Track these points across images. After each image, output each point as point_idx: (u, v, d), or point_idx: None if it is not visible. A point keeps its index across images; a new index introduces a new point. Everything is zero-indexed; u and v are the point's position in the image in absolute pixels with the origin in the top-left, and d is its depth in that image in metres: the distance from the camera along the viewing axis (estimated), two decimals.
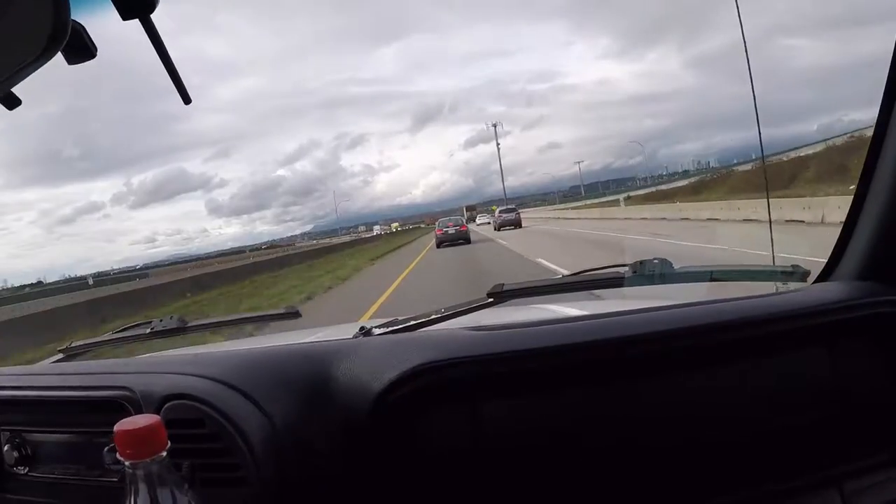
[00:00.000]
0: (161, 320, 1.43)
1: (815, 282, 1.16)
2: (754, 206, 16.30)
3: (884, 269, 1.04)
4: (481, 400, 0.93)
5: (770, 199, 16.97)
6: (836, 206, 12.17)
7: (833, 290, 1.04)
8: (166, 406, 0.92)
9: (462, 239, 26.93)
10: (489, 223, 61.93)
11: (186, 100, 0.82)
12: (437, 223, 32.40)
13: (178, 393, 0.93)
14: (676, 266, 1.18)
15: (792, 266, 1.20)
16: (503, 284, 1.18)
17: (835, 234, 1.13)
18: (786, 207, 14.83)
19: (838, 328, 0.99)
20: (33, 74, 0.65)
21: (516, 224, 36.94)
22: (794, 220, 13.42)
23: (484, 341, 0.95)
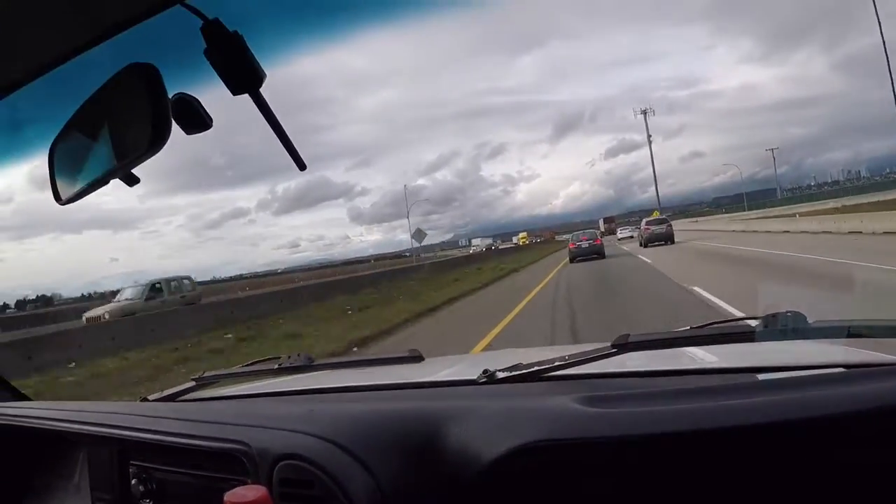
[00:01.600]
0: (289, 356, 1.51)
1: None
2: None
3: None
4: (589, 478, 0.92)
5: None
6: None
7: None
8: (279, 465, 0.99)
9: (596, 253, 26.51)
10: (632, 237, 56.28)
11: (301, 166, 0.88)
12: (571, 236, 31.88)
13: (291, 453, 0.99)
14: (811, 319, 1.11)
15: None
16: (628, 335, 1.17)
17: None
18: None
19: None
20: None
21: (667, 238, 31.44)
22: None
23: (599, 420, 0.93)
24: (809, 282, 10.15)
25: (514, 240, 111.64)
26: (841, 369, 1.11)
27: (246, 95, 0.79)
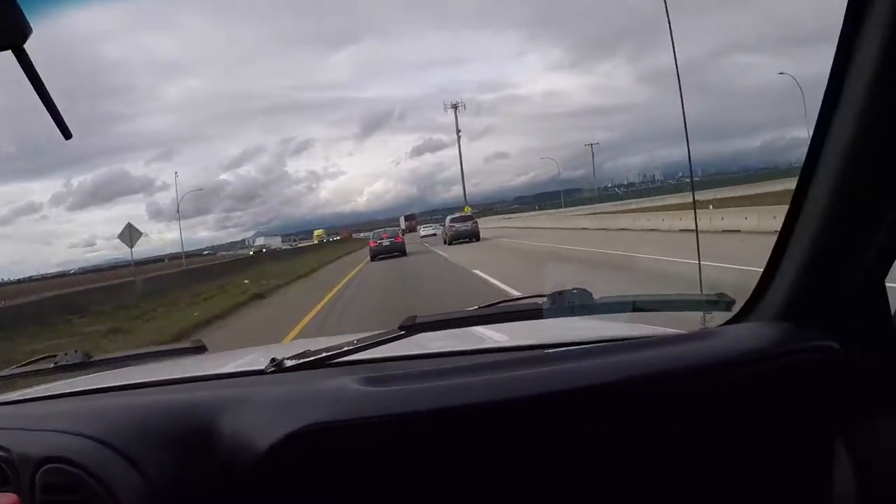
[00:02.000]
0: (66, 354, 1.42)
1: (737, 315, 1.14)
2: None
3: (810, 307, 1.02)
4: (372, 458, 0.92)
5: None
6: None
7: (754, 335, 1.03)
8: (41, 470, 0.93)
9: (398, 251, 26.31)
10: (435, 234, 54.67)
11: (67, 134, 0.82)
12: (372, 234, 31.37)
13: (54, 455, 0.93)
14: (596, 296, 1.17)
15: (717, 294, 1.19)
16: (416, 317, 1.16)
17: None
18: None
19: (758, 378, 0.97)
20: None
21: (473, 236, 30.60)
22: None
23: (378, 399, 0.93)
24: (605, 269, 11.25)
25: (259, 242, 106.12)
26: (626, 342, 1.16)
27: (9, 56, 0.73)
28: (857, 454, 0.96)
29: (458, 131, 74.01)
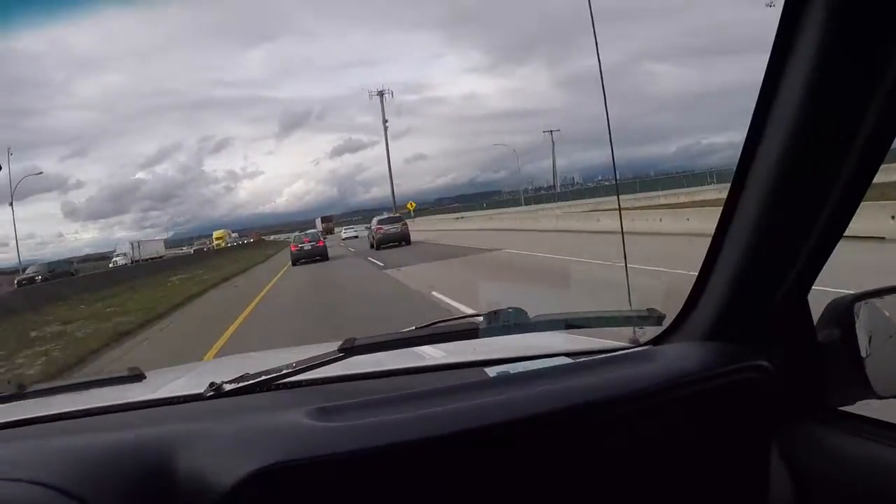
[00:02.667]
0: None
1: (668, 329, 1.19)
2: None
3: (737, 326, 1.06)
4: (323, 495, 0.92)
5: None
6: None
7: (686, 356, 1.07)
8: None
9: (319, 255, 25.31)
10: (357, 236, 51.74)
11: None
12: (292, 237, 29.79)
13: None
14: (532, 314, 1.20)
15: (648, 310, 1.23)
16: (355, 339, 1.17)
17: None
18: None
19: (698, 395, 1.01)
20: None
21: (402, 239, 27.99)
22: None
23: (332, 435, 0.93)
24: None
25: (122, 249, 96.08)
26: (563, 358, 1.21)
27: None
28: (791, 458, 1.01)
29: (385, 122, 68.78)
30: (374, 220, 30.04)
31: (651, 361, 1.07)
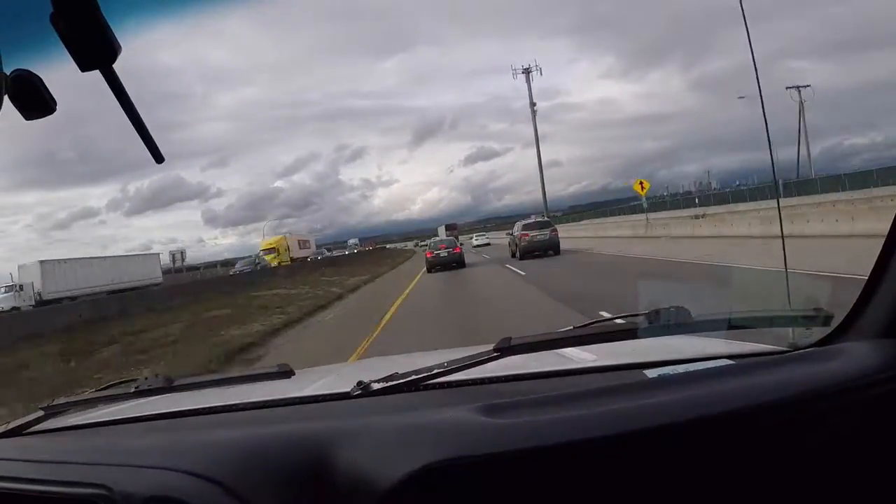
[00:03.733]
0: (146, 378, 1.39)
1: (837, 328, 1.09)
2: None
3: None
4: (489, 495, 0.89)
5: None
6: None
7: (871, 353, 0.97)
8: None
9: (455, 262, 24.62)
10: (488, 244, 49.99)
11: (159, 159, 0.81)
12: (429, 244, 28.76)
13: (161, 496, 0.91)
14: (694, 313, 1.12)
15: (814, 309, 1.14)
16: (510, 338, 1.13)
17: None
18: None
19: (869, 401, 0.92)
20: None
21: (551, 248, 23.70)
22: None
23: (498, 433, 0.90)
24: None
25: (351, 245, 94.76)
26: (724, 360, 1.16)
27: (98, 76, 0.70)
28: None
29: (533, 105, 62.82)
30: (518, 225, 25.80)
31: (822, 362, 0.98)
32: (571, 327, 1.28)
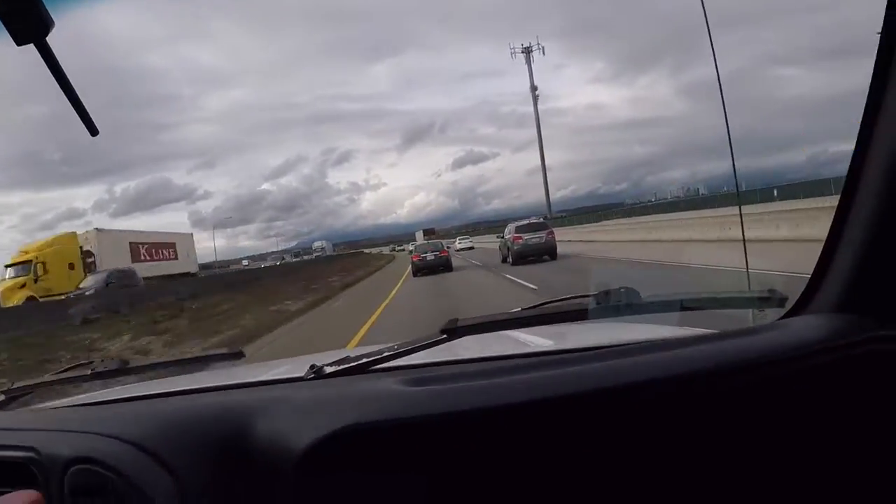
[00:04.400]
0: (102, 360, 1.45)
1: (791, 310, 1.10)
2: None
3: (869, 298, 0.97)
4: (404, 459, 0.90)
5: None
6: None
7: (816, 326, 0.98)
8: (71, 471, 0.93)
9: (442, 266, 24.04)
10: (471, 247, 48.81)
11: (93, 131, 0.82)
12: (413, 248, 29.16)
13: (84, 456, 0.93)
14: (644, 294, 1.14)
15: (769, 290, 1.15)
16: (457, 320, 1.14)
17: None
18: None
19: (823, 370, 0.92)
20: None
21: (547, 252, 21.50)
22: None
23: (421, 399, 0.92)
24: None
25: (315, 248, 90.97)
26: None
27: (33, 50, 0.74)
28: None
29: (535, 88, 59.08)
30: (511, 227, 23.20)
31: (771, 332, 0.99)
32: (520, 308, 1.28)
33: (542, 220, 25.40)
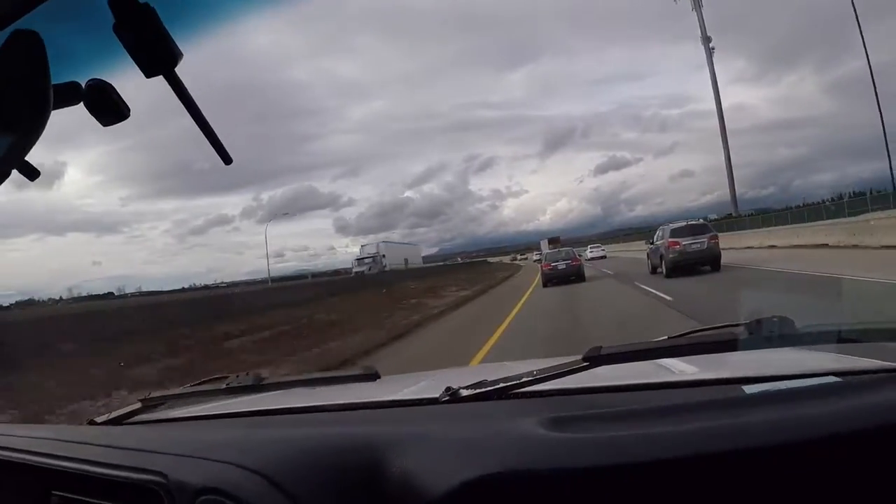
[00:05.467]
0: (237, 376, 1.45)
1: None
2: None
3: None
4: None
5: None
6: None
7: None
8: (199, 500, 0.95)
9: (574, 275, 22.71)
10: (603, 256, 46.38)
11: (227, 160, 0.83)
12: (543, 256, 27.59)
13: (212, 487, 0.95)
14: (799, 323, 1.06)
15: None
16: (600, 347, 1.10)
17: None
18: None
19: None
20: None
21: (710, 261, 17.75)
22: None
23: (564, 447, 0.87)
24: None
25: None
26: (832, 378, 1.07)
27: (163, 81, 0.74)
28: None
29: (708, 39, 49.20)
30: (664, 230, 19.30)
31: None
32: (666, 337, 1.21)
33: (701, 221, 20.64)
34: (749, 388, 1.06)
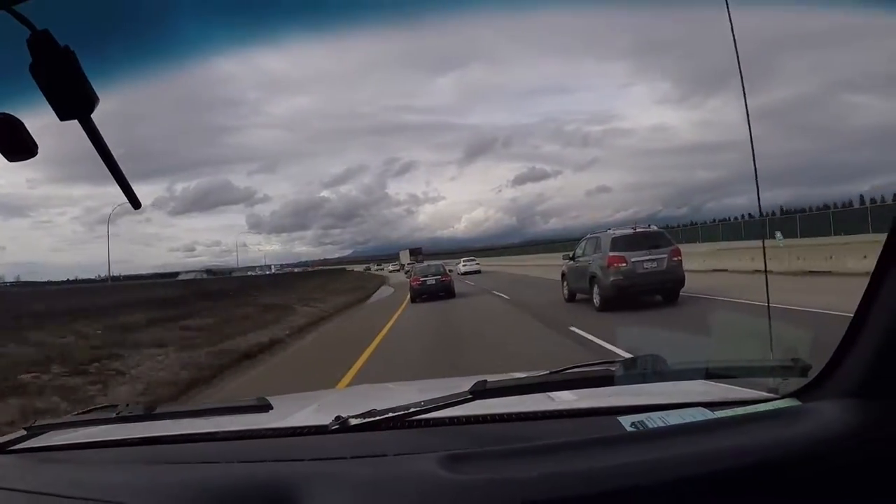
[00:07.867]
0: (128, 405, 1.43)
1: (815, 380, 1.11)
2: None
3: (891, 381, 0.95)
4: None
5: None
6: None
7: (842, 415, 0.97)
8: None
9: (443, 292, 22.97)
10: (478, 271, 45.41)
11: (136, 204, 0.82)
12: (412, 270, 28.28)
13: None
14: (670, 361, 1.15)
15: (792, 360, 1.17)
16: (486, 381, 1.18)
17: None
18: None
19: (852, 465, 0.90)
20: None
21: (667, 287, 12.96)
22: None
23: (457, 492, 0.90)
24: None
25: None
26: (701, 409, 1.18)
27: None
28: None
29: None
30: (598, 240, 14.13)
31: (800, 420, 0.99)
32: (548, 372, 1.31)
33: (654, 228, 14.35)
34: (624, 420, 1.17)
